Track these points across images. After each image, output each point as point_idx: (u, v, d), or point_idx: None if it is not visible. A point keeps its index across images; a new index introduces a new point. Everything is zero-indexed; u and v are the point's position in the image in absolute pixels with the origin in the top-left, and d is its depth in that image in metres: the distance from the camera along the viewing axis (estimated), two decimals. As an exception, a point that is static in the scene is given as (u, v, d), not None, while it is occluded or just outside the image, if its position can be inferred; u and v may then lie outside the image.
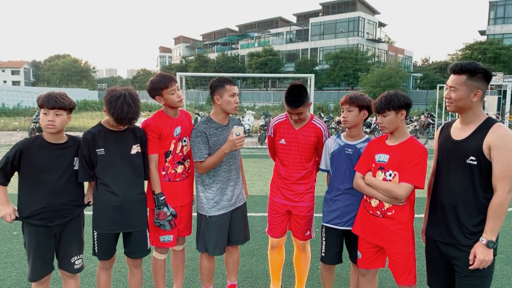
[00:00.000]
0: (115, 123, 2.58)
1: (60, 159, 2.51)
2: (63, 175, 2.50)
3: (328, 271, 3.04)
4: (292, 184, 3.05)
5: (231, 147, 2.75)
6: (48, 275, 2.60)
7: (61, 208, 2.50)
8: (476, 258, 2.10)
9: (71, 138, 2.61)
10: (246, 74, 40.06)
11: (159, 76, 2.83)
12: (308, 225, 3.13)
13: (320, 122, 3.06)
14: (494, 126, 2.11)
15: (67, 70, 65.14)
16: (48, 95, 2.43)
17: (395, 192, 2.40)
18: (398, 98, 2.43)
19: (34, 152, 2.45)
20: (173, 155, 2.87)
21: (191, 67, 54.47)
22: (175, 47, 75.63)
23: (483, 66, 2.15)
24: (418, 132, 15.39)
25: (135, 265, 2.87)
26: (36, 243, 2.48)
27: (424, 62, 58.43)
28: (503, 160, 2.04)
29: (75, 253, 2.61)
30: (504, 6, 34.60)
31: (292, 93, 2.83)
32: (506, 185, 2.05)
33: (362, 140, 2.84)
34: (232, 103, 2.82)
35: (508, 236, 4.85)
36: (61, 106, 2.42)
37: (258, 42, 56.18)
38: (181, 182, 2.93)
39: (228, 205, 2.95)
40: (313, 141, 2.99)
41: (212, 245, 2.93)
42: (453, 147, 2.23)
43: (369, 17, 47.02)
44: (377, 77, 31.03)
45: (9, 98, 22.87)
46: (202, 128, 2.83)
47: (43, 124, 2.43)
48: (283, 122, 3.07)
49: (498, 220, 2.08)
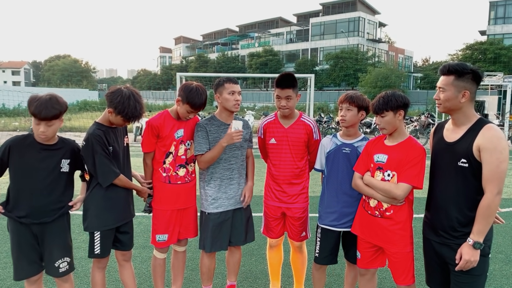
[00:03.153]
0: (122, 121, 2.61)
1: (47, 160, 2.48)
2: (47, 176, 2.48)
3: (318, 271, 3.03)
4: (285, 185, 3.03)
5: (228, 141, 2.78)
6: (38, 276, 2.57)
7: (42, 209, 2.47)
8: (461, 259, 2.11)
9: (61, 140, 2.58)
10: (246, 74, 40.06)
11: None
12: (303, 226, 3.11)
13: (309, 119, 3.06)
14: (484, 128, 2.10)
15: (68, 71, 65.15)
16: (38, 104, 2.31)
17: (393, 192, 2.40)
18: (396, 98, 2.43)
19: (22, 151, 2.44)
20: (174, 157, 2.88)
21: (191, 67, 54.49)
22: (175, 47, 75.68)
23: (472, 67, 2.15)
24: (418, 132, 15.39)
25: (126, 259, 2.91)
26: (18, 241, 2.48)
27: (425, 62, 58.44)
28: (492, 162, 2.03)
29: (58, 256, 2.55)
30: (504, 6, 34.58)
31: (282, 76, 2.92)
32: (494, 187, 2.04)
33: (359, 139, 2.84)
34: (231, 101, 2.85)
35: (507, 236, 4.85)
36: (53, 117, 2.35)
37: (259, 42, 56.20)
38: (182, 186, 2.92)
39: (227, 204, 2.96)
40: (304, 138, 2.99)
41: (208, 242, 2.94)
42: (446, 149, 2.24)
43: (369, 17, 47.02)
44: (374, 78, 31.03)
45: (9, 99, 22.89)
46: (204, 123, 2.92)
47: (35, 133, 2.41)
48: (272, 121, 3.07)
49: (486, 221, 2.07)
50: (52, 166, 2.51)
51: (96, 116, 19.67)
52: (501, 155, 2.02)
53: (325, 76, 41.23)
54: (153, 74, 70.65)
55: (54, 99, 2.36)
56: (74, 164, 2.63)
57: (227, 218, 2.97)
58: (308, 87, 14.54)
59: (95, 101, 34.54)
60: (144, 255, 4.12)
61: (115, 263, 3.77)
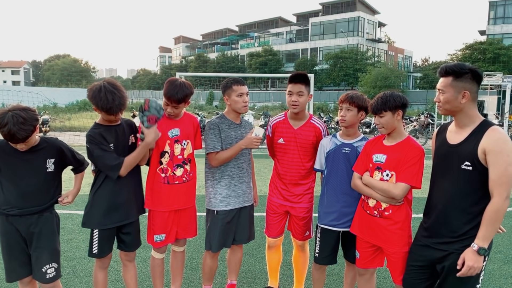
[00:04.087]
0: (106, 116, 2.58)
1: (31, 162, 2.45)
2: (34, 178, 2.47)
3: (318, 271, 3.03)
4: (291, 184, 3.04)
5: (247, 144, 2.84)
6: (30, 277, 2.56)
7: (29, 211, 2.45)
8: (465, 264, 2.04)
9: (43, 140, 2.54)
10: (246, 74, 40.03)
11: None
12: (307, 225, 3.13)
13: (319, 122, 3.07)
14: (489, 130, 2.03)
15: (67, 70, 65.18)
16: (7, 132, 2.22)
17: (391, 192, 2.41)
18: (394, 98, 2.44)
19: (5, 155, 2.41)
20: (171, 157, 2.87)
21: (191, 67, 54.52)
22: (175, 47, 75.68)
23: (470, 66, 2.09)
24: (417, 132, 15.41)
25: (129, 259, 2.90)
26: (8, 244, 2.47)
27: (424, 62, 58.45)
28: (499, 165, 1.96)
29: (46, 261, 2.51)
30: (504, 6, 34.59)
31: (296, 73, 2.98)
32: (503, 191, 1.97)
33: (358, 139, 2.84)
34: (239, 103, 2.89)
35: (506, 236, 4.85)
36: (25, 139, 2.30)
37: (258, 42, 56.18)
38: (180, 186, 2.90)
39: (236, 202, 2.97)
40: (312, 140, 2.99)
41: (216, 242, 2.95)
42: (449, 151, 2.19)
43: (369, 17, 47.01)
44: (374, 78, 31.03)
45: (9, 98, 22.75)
46: (216, 121, 2.94)
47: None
48: (282, 121, 3.08)
49: (492, 227, 2.01)
50: (36, 168, 2.48)
51: (96, 115, 19.63)
52: (508, 157, 1.96)
53: (324, 76, 41.23)
54: (152, 74, 70.73)
55: (22, 118, 2.25)
56: (59, 162, 2.60)
57: (234, 216, 2.99)
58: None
59: (95, 100, 34.42)
60: (143, 255, 4.13)
61: (114, 263, 3.78)
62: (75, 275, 3.68)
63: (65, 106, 28.34)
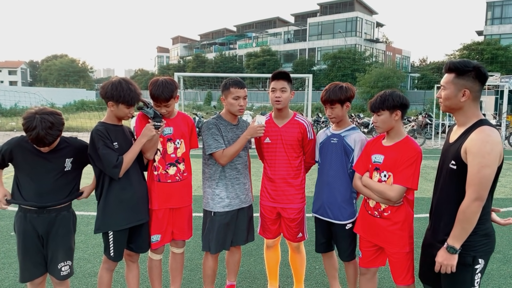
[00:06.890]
0: (126, 108, 2.59)
1: (50, 162, 2.46)
2: (53, 178, 2.47)
3: (326, 258, 3.14)
4: (281, 184, 3.03)
5: (251, 134, 2.83)
6: (42, 277, 2.57)
7: (47, 209, 2.46)
8: (436, 261, 2.07)
9: (63, 140, 2.55)
10: (244, 74, 40.03)
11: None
12: (299, 227, 3.10)
13: (304, 119, 3.09)
14: (476, 130, 1.98)
15: (65, 70, 64.97)
16: (35, 136, 2.25)
17: (387, 194, 2.42)
18: (393, 98, 2.43)
19: (24, 153, 2.42)
20: (163, 155, 2.86)
21: (189, 67, 54.43)
22: (173, 47, 75.55)
23: (475, 64, 2.02)
24: (415, 132, 15.44)
25: (133, 260, 2.91)
26: (24, 243, 2.46)
27: (422, 62, 58.53)
28: (473, 166, 1.92)
29: (62, 259, 2.55)
30: (501, 7, 34.71)
31: (278, 71, 3.03)
32: (472, 192, 1.93)
33: (347, 128, 2.90)
34: (235, 106, 2.88)
35: (505, 236, 4.87)
36: (51, 143, 2.36)
37: (256, 42, 56.17)
38: (173, 184, 2.88)
39: (233, 203, 2.96)
40: (298, 137, 2.99)
41: (214, 243, 2.93)
42: (445, 149, 2.19)
43: (367, 17, 47.09)
44: (375, 78, 31.05)
45: (6, 99, 22.76)
46: (213, 121, 2.94)
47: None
48: (267, 121, 3.05)
49: (461, 227, 1.98)
50: (56, 167, 2.49)
51: (93, 116, 19.62)
52: (483, 159, 1.89)
53: (322, 76, 41.21)
54: (150, 74, 70.53)
55: (49, 123, 2.28)
56: (79, 161, 2.61)
57: (232, 218, 2.97)
58: (306, 87, 14.56)
59: (92, 101, 34.40)
60: (142, 255, 4.10)
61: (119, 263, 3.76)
62: (74, 276, 3.65)
63: (62, 107, 28.30)
